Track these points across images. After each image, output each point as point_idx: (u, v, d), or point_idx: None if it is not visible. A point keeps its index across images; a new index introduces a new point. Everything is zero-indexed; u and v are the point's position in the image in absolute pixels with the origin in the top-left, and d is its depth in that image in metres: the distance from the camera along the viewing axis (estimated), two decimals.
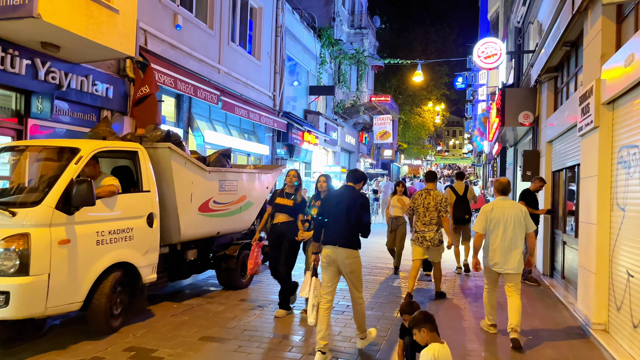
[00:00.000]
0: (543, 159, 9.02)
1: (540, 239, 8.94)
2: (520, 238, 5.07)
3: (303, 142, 17.68)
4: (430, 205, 6.68)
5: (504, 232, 5.03)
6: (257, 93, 14.89)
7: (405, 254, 8.91)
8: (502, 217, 5.07)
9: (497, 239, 5.05)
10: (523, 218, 5.08)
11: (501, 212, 5.10)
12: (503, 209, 5.11)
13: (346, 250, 4.41)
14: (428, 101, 47.70)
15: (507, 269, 5.06)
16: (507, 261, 5.04)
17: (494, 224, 5.09)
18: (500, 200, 5.25)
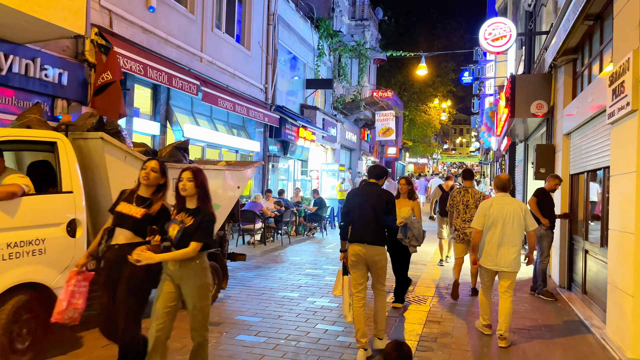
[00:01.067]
0: (559, 154, 7.89)
1: (556, 245, 7.81)
2: (519, 236, 4.96)
3: (298, 138, 16.60)
4: (470, 202, 6.95)
5: (502, 230, 4.93)
6: (246, 85, 13.83)
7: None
8: (500, 213, 4.96)
9: (495, 236, 4.95)
10: (523, 216, 4.96)
11: (500, 208, 4.99)
12: (502, 205, 5.00)
13: (375, 248, 4.49)
14: (434, 98, 46.62)
15: (504, 267, 4.96)
16: (503, 259, 4.94)
17: (492, 221, 4.98)
18: (500, 197, 5.11)
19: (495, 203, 5.04)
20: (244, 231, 11.12)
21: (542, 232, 6.93)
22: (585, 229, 6.64)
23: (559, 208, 7.62)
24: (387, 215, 4.51)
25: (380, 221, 4.49)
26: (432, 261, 9.82)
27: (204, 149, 12.08)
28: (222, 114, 13.24)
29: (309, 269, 8.51)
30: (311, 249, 10.87)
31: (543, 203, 6.95)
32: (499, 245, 4.94)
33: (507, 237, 4.92)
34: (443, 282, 7.80)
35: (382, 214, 4.50)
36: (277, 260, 9.39)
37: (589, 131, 6.40)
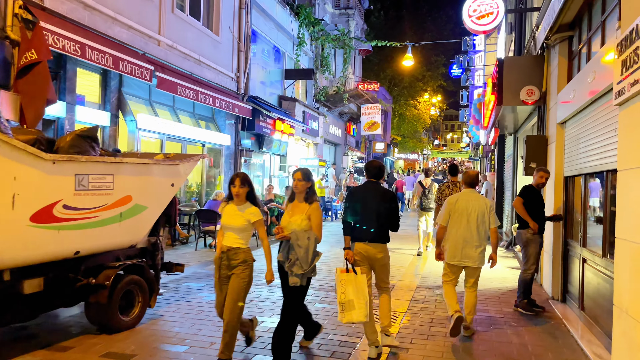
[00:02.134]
0: (552, 146, 6.90)
1: (548, 250, 6.83)
2: (482, 233, 4.99)
3: (274, 131, 15.53)
4: None
5: (466, 225, 4.98)
6: (214, 73, 12.72)
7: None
8: (465, 209, 5.00)
9: (459, 231, 5.00)
10: (487, 212, 5.01)
11: (465, 204, 5.03)
12: (468, 201, 5.04)
13: (378, 245, 4.58)
14: (424, 93, 45.83)
15: (467, 263, 5.01)
16: (467, 255, 4.99)
17: (457, 216, 5.02)
18: (466, 193, 5.15)
19: (461, 199, 5.07)
20: (205, 233, 10.05)
21: (528, 236, 5.96)
22: (583, 234, 5.65)
23: (550, 208, 6.63)
24: (390, 213, 4.61)
25: (384, 219, 4.58)
26: (412, 264, 8.83)
27: (163, 142, 10.99)
28: (187, 104, 12.15)
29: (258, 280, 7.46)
30: None
31: (531, 202, 5.97)
32: (464, 241, 4.99)
33: (472, 233, 4.96)
34: (419, 294, 6.79)
35: (385, 213, 4.58)
36: None
37: (589, 119, 5.40)
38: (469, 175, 5.22)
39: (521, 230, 6.07)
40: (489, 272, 8.39)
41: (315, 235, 4.10)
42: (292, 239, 4.06)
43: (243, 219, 4.12)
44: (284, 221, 4.25)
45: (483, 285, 7.38)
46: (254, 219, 4.16)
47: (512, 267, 8.91)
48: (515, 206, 6.01)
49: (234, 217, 4.15)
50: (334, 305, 6.06)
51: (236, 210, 4.17)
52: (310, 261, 4.06)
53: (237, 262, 4.14)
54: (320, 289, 6.89)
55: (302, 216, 4.13)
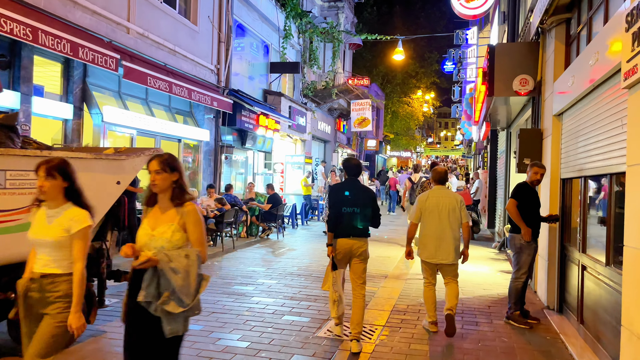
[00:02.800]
0: (548, 140, 6.29)
1: (544, 254, 6.23)
2: (455, 229, 5.00)
3: (258, 126, 14.85)
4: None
5: (439, 222, 4.98)
6: (191, 64, 12.04)
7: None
8: (436, 206, 5.02)
9: (432, 229, 5.01)
10: (458, 208, 5.01)
11: (436, 201, 5.04)
12: (438, 198, 5.06)
13: (359, 240, 4.65)
14: (417, 90, 45.33)
15: (441, 260, 5.00)
16: (440, 252, 4.98)
17: (428, 213, 5.03)
18: (436, 190, 5.16)
19: (432, 196, 5.07)
20: None
21: (522, 243, 5.34)
22: (582, 238, 5.04)
23: (545, 210, 6.02)
24: (371, 210, 4.71)
25: (365, 215, 4.67)
26: (398, 268, 8.22)
27: (134, 137, 10.29)
28: (162, 97, 11.46)
29: (237, 285, 6.82)
30: (256, 256, 9.18)
31: (525, 203, 5.35)
32: (436, 238, 4.98)
33: (443, 230, 4.97)
34: (402, 303, 6.17)
35: (367, 209, 4.69)
36: (208, 271, 7.69)
37: (590, 109, 4.78)
38: (437, 172, 5.22)
39: (514, 234, 5.46)
40: (479, 276, 7.79)
41: (197, 251, 2.76)
42: (162, 262, 2.65)
43: (59, 229, 2.84)
44: (142, 237, 2.78)
45: (472, 292, 6.77)
46: (76, 228, 2.85)
47: (504, 270, 8.31)
48: (508, 210, 5.38)
49: (43, 227, 2.87)
50: (305, 318, 5.43)
51: (46, 217, 2.89)
52: (195, 291, 2.73)
53: (53, 297, 2.82)
54: (293, 298, 6.25)
55: (171, 226, 2.75)
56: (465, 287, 7.08)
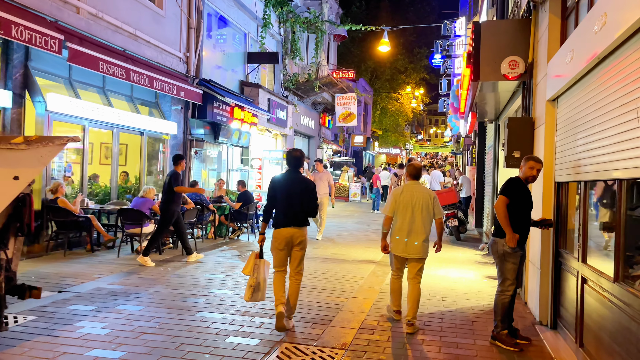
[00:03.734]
0: (541, 129, 5.46)
1: (535, 260, 5.42)
2: (427, 224, 5.03)
3: (232, 119, 13.92)
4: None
5: (411, 217, 5.01)
6: (155, 51, 11.09)
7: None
8: (410, 201, 5.03)
9: (404, 223, 5.02)
10: (432, 204, 5.04)
11: (410, 196, 5.06)
12: (412, 193, 5.07)
13: (299, 229, 4.87)
14: (406, 86, 44.69)
15: (411, 254, 5.02)
16: (411, 246, 4.99)
17: (402, 208, 5.05)
18: (410, 185, 5.17)
19: (406, 191, 5.09)
20: (129, 236, 8.45)
21: (505, 249, 4.52)
22: (582, 245, 4.21)
23: (538, 210, 5.20)
24: (308, 200, 4.90)
25: (304, 206, 4.87)
26: (374, 274, 7.38)
27: (86, 128, 9.34)
28: (123, 86, 10.51)
29: (186, 296, 5.93)
30: (218, 260, 8.29)
31: (517, 201, 4.52)
32: (407, 232, 5.01)
33: (416, 224, 5.00)
34: (373, 318, 5.33)
35: (306, 200, 4.88)
36: (159, 278, 6.80)
37: (595, 90, 3.95)
38: (412, 167, 5.22)
39: (496, 238, 4.64)
40: (463, 284, 6.97)
41: None
42: None
43: None
44: None
45: (454, 304, 5.95)
46: None
47: (491, 276, 7.51)
48: (496, 209, 4.54)
49: None
50: (253, 340, 4.56)
51: None
52: None
53: None
54: (246, 313, 5.38)
55: None
56: (447, 297, 6.25)
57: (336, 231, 12.47)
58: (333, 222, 14.44)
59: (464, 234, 11.76)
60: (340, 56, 35.19)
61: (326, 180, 10.88)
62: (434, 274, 7.62)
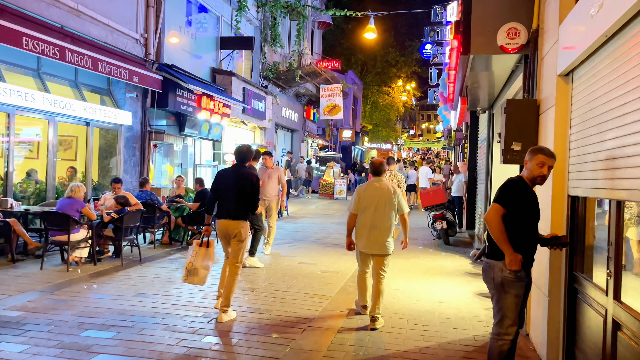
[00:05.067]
0: (549, 114, 4.21)
1: (541, 283, 4.18)
2: (390, 220, 5.01)
3: (200, 110, 12.60)
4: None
5: (374, 213, 5.01)
6: (105, 30, 9.74)
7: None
8: (373, 197, 5.04)
9: (368, 219, 5.02)
10: (395, 199, 5.03)
11: (373, 192, 5.08)
12: (375, 189, 5.09)
13: (237, 222, 5.06)
14: (398, 79, 43.55)
15: (374, 250, 5.03)
16: (374, 242, 5.01)
17: (365, 204, 5.05)
18: (374, 181, 5.18)
19: (368, 187, 5.11)
20: (55, 245, 7.11)
21: (505, 275, 3.28)
22: (615, 277, 2.96)
23: (546, 224, 3.95)
24: (251, 194, 5.10)
25: (245, 199, 5.08)
26: (343, 294, 6.13)
27: (11, 116, 7.98)
28: (65, 69, 9.16)
29: (88, 333, 4.64)
30: (160, 274, 6.98)
31: (517, 212, 3.26)
32: (371, 228, 5.00)
33: (379, 220, 4.99)
34: (342, 340, 4.06)
35: (247, 193, 5.08)
36: (73, 300, 5.50)
37: (631, 52, 2.69)
38: (373, 164, 5.27)
39: (491, 261, 3.39)
40: (449, 305, 5.71)
41: None
42: None
43: None
44: None
45: (438, 335, 4.70)
46: None
47: (483, 293, 6.28)
48: (488, 221, 3.28)
49: None
50: None
51: None
52: None
53: None
54: (223, 333, 4.10)
55: None
56: (429, 325, 5.01)
57: (314, 232, 11.20)
58: (312, 222, 13.17)
59: (454, 237, 10.54)
60: (330, 48, 33.89)
61: (276, 178, 8.57)
62: (415, 290, 6.38)
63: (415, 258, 8.57)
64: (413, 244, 9.92)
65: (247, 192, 5.04)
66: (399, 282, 6.78)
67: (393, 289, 6.42)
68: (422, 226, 12.42)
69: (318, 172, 22.64)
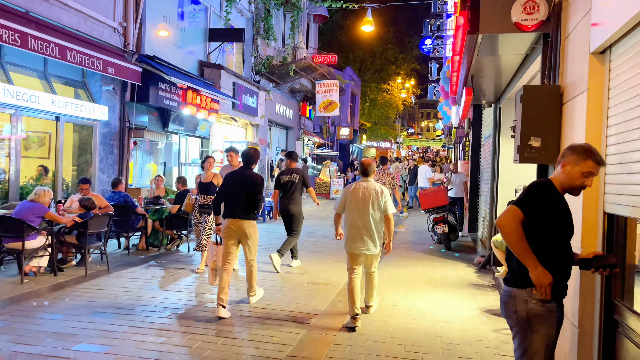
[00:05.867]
0: (577, 102, 3.43)
1: (569, 311, 3.40)
2: (377, 220, 5.05)
3: (185, 105, 11.81)
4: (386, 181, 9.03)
5: (360, 213, 5.03)
6: (77, 17, 8.95)
7: None
8: (360, 198, 5.06)
9: (354, 219, 5.05)
10: (381, 200, 5.05)
11: (360, 193, 5.09)
12: (363, 190, 5.11)
13: (245, 221, 5.35)
14: (397, 77, 42.77)
15: (362, 250, 5.05)
16: (362, 242, 5.02)
17: (353, 205, 5.07)
18: (361, 181, 5.20)
19: (356, 188, 5.14)
20: (12, 253, 6.33)
21: (531, 307, 2.52)
22: None
23: (576, 243, 3.19)
24: (254, 194, 5.35)
25: (252, 200, 5.36)
26: (332, 307, 5.36)
27: None
28: (32, 59, 8.38)
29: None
30: (128, 286, 6.21)
31: (546, 224, 2.50)
32: (357, 228, 5.02)
33: (364, 220, 5.00)
34: (338, 350, 3.31)
35: (254, 194, 5.35)
36: (13, 323, 4.74)
37: None
38: (362, 164, 5.27)
39: (513, 290, 2.62)
40: (452, 327, 4.92)
41: None
42: None
43: None
44: None
45: None
46: None
47: (491, 310, 5.52)
48: (502, 226, 2.51)
49: None
50: None
51: None
52: None
53: None
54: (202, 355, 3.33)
55: None
56: (431, 354, 4.24)
57: (305, 236, 10.43)
58: (304, 224, 12.38)
59: (455, 242, 9.77)
60: (327, 45, 33.13)
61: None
62: (414, 307, 5.62)
63: (414, 266, 7.81)
64: (412, 249, 9.15)
65: (253, 193, 5.33)
66: (396, 296, 6.02)
67: (389, 304, 5.65)
68: (421, 229, 11.66)
69: (314, 172, 21.87)
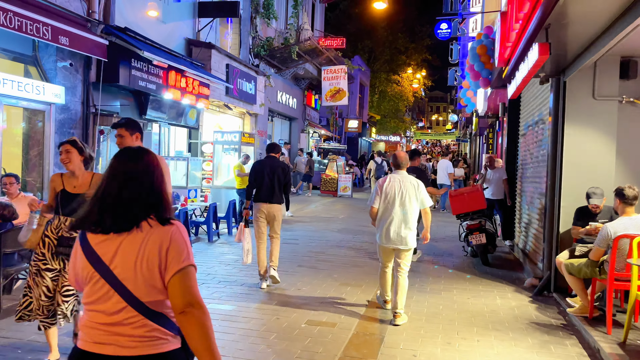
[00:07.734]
0: None
1: None
2: (414, 213, 4.98)
3: (167, 88, 9.99)
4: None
5: (398, 207, 4.95)
6: None
7: None
8: (396, 191, 4.99)
9: (390, 213, 4.98)
10: (418, 193, 4.98)
11: (396, 186, 5.02)
12: (398, 183, 5.04)
13: (275, 205, 6.02)
14: (407, 67, 40.76)
15: (399, 245, 4.98)
16: (398, 237, 4.96)
17: (389, 198, 5.01)
18: (396, 174, 5.11)
19: (392, 180, 5.08)
20: None
21: None
22: None
23: None
24: (283, 181, 6.05)
25: (281, 185, 6.04)
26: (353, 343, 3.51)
27: None
28: None
29: None
30: None
31: None
32: (393, 223, 4.96)
33: (402, 215, 4.94)
34: None
35: (282, 180, 6.04)
36: None
37: None
38: (396, 157, 5.18)
39: None
40: None
41: None
42: None
43: None
44: None
45: None
46: None
47: None
48: None
49: None
50: None
51: None
52: None
53: None
54: None
55: None
56: None
57: (307, 246, 8.59)
58: (308, 229, 10.56)
59: (493, 254, 7.86)
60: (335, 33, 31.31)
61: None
62: None
63: (448, 291, 5.94)
64: (442, 267, 7.28)
65: (281, 178, 6.00)
66: (433, 348, 4.16)
67: (413, 355, 3.80)
68: (447, 236, 9.77)
69: (320, 166, 20.01)
